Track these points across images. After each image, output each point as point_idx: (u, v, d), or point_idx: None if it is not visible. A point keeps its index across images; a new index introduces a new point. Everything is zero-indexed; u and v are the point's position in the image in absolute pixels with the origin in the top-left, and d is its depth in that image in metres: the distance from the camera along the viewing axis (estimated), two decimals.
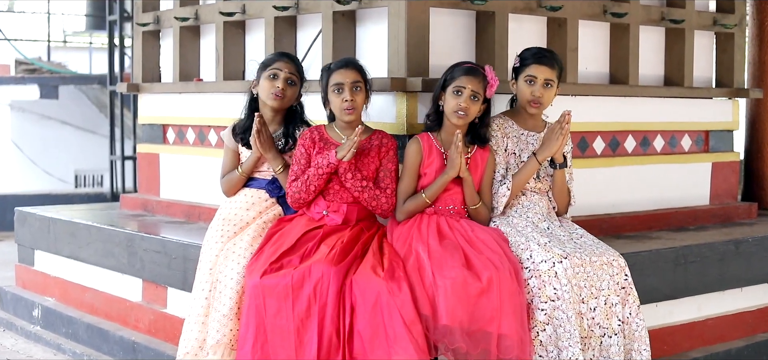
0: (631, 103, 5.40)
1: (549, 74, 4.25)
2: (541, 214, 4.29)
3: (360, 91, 4.15)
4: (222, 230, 4.29)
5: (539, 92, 4.25)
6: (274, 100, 4.36)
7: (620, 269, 4.04)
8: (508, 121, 4.36)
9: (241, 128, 4.46)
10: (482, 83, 4.13)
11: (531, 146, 4.33)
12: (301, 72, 4.46)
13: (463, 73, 4.12)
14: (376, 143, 4.20)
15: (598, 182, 5.26)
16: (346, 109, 4.13)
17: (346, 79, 4.13)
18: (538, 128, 4.39)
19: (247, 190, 4.44)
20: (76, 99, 13.46)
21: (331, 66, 4.23)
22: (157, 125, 6.13)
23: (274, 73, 4.37)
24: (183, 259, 4.83)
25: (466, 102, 4.09)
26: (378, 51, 4.71)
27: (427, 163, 4.17)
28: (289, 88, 4.38)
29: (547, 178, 4.36)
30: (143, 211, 6.08)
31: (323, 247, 4.01)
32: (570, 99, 5.10)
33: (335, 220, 4.17)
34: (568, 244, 4.10)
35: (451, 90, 4.12)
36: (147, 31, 6.16)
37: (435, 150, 4.18)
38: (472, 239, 4.03)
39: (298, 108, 4.48)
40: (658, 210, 5.51)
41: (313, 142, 4.22)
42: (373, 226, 4.24)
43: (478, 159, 4.23)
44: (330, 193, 4.19)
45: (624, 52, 5.39)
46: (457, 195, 4.18)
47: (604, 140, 5.34)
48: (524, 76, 4.27)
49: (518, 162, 4.32)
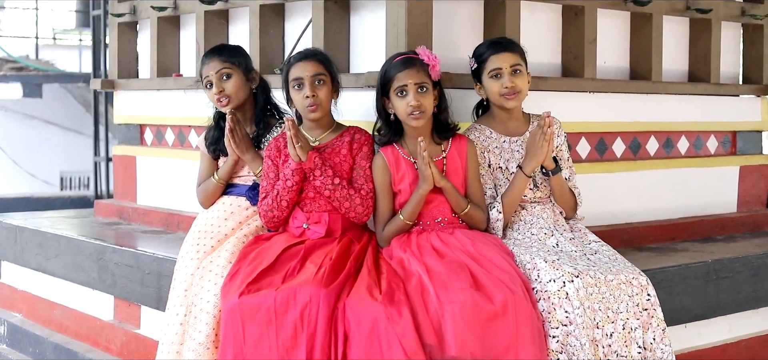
0: (654, 100, 4.95)
1: (512, 59, 3.77)
2: (547, 227, 3.79)
3: (324, 84, 3.70)
4: (198, 245, 3.79)
5: (510, 81, 3.75)
6: (222, 107, 3.93)
7: (641, 289, 3.55)
8: (486, 131, 3.86)
9: (210, 139, 4.00)
10: (423, 70, 3.65)
11: (517, 153, 3.83)
12: (234, 58, 3.96)
13: (399, 68, 3.64)
14: (347, 139, 3.74)
15: (618, 188, 4.78)
16: (309, 107, 3.67)
17: (306, 73, 3.68)
18: (520, 130, 3.88)
19: (225, 199, 3.96)
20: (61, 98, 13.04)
21: (289, 59, 3.78)
22: (134, 125, 5.66)
23: (207, 81, 3.95)
24: (157, 275, 4.34)
25: (415, 99, 3.60)
26: (375, 42, 4.25)
27: (398, 179, 3.70)
28: (226, 83, 3.92)
29: (546, 183, 3.86)
30: (119, 218, 5.59)
31: (309, 265, 3.51)
32: (587, 96, 4.64)
33: (318, 232, 3.69)
34: (581, 261, 3.60)
35: (394, 92, 3.64)
36: (123, 22, 5.69)
37: (403, 161, 3.71)
38: (476, 255, 3.53)
39: (260, 94, 4.00)
40: (683, 218, 5.05)
41: (278, 152, 3.77)
42: (363, 236, 3.74)
43: (456, 155, 3.73)
44: (306, 202, 3.72)
45: (646, 44, 4.94)
46: (443, 205, 3.70)
47: (625, 142, 4.86)
48: (487, 72, 3.79)
49: (507, 176, 3.82)
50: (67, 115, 13.00)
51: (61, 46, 15.62)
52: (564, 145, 3.92)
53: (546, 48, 4.61)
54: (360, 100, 4.02)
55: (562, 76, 4.68)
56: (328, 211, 3.70)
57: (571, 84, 4.57)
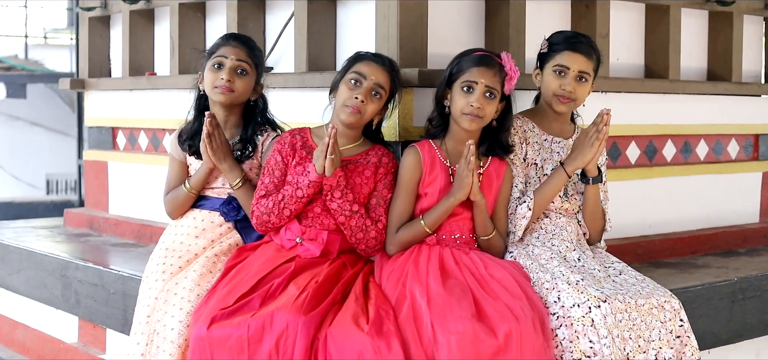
0: (671, 101, 4.55)
1: (584, 65, 3.37)
2: (570, 240, 3.38)
3: (379, 99, 3.29)
4: (163, 264, 3.37)
5: (571, 86, 3.36)
6: (220, 95, 3.44)
7: (674, 313, 3.16)
8: (529, 123, 3.46)
9: (188, 133, 3.54)
10: (499, 76, 3.23)
11: (556, 155, 3.44)
12: (257, 58, 3.53)
13: (473, 63, 3.22)
14: (374, 160, 3.31)
15: (633, 198, 4.36)
16: (352, 109, 3.24)
17: (371, 77, 3.25)
18: (565, 133, 3.49)
19: (196, 213, 3.52)
20: (46, 98, 12.64)
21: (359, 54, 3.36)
22: (106, 128, 5.25)
23: (219, 61, 3.45)
24: (122, 295, 3.93)
25: (479, 100, 3.19)
26: (364, 36, 3.83)
27: (428, 180, 3.26)
28: (238, 78, 3.45)
29: (577, 197, 3.44)
30: (89, 229, 5.18)
31: (292, 287, 3.09)
32: (599, 96, 4.21)
33: (311, 250, 3.25)
34: (606, 283, 3.19)
35: (460, 86, 3.22)
36: (94, 17, 5.28)
37: (438, 162, 3.28)
38: (485, 279, 3.11)
39: (260, 104, 3.54)
40: (702, 230, 4.65)
41: (293, 150, 3.31)
42: (359, 261, 3.32)
43: (493, 174, 3.32)
44: (308, 216, 3.28)
45: (662, 40, 4.54)
46: (466, 221, 3.27)
47: (640, 146, 4.46)
48: (553, 65, 3.38)
49: (540, 175, 3.42)
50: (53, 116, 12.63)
51: (52, 45, 15.30)
52: (605, 165, 3.54)
53: None
54: None
55: None
56: (330, 230, 3.27)
57: None
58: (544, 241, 3.37)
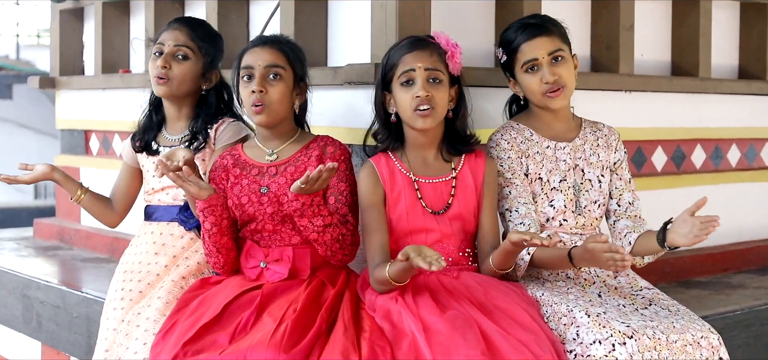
0: (700, 101, 4.13)
1: (551, 44, 2.90)
2: (588, 269, 2.92)
3: (279, 80, 2.81)
4: (122, 290, 2.94)
5: (551, 73, 2.88)
6: (156, 86, 3.07)
7: (713, 351, 2.69)
8: (525, 132, 2.99)
9: (141, 128, 3.12)
10: (438, 57, 2.77)
11: (563, 163, 2.97)
12: (204, 41, 3.10)
13: (404, 50, 2.77)
14: (315, 153, 2.84)
15: (659, 209, 3.81)
16: (253, 104, 2.79)
17: (258, 62, 2.81)
18: (569, 134, 3.02)
19: (153, 226, 3.09)
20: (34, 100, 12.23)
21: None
22: (78, 131, 4.79)
23: (158, 49, 3.08)
24: (86, 320, 3.50)
25: (423, 88, 2.73)
26: (357, 29, 3.41)
27: (392, 199, 2.79)
28: (177, 64, 3.04)
29: (591, 207, 2.98)
30: (59, 241, 4.74)
31: (267, 318, 2.64)
32: (622, 96, 3.78)
33: (279, 273, 2.80)
34: (633, 316, 2.73)
35: (398, 82, 2.77)
36: (65, 10, 4.83)
37: (399, 175, 2.81)
38: (489, 306, 2.65)
39: (213, 95, 3.10)
40: (735, 245, 4.23)
41: (225, 171, 2.88)
42: (338, 276, 2.84)
43: (468, 174, 2.85)
44: (264, 235, 2.83)
45: (691, 34, 4.11)
46: (449, 240, 2.81)
47: (666, 152, 4.03)
48: (520, 65, 2.93)
49: (548, 190, 2.95)
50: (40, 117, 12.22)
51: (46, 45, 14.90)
52: (625, 162, 3.07)
53: (572, 37, 3.71)
54: (338, 100, 3.23)
55: (591, 71, 3.84)
56: (294, 245, 2.81)
57: (602, 81, 3.72)
58: (557, 273, 2.91)
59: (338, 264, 2.83)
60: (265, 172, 2.83)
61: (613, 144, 3.04)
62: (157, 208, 3.09)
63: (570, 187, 2.96)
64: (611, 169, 3.03)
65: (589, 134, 3.02)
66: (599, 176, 3.00)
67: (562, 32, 2.95)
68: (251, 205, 2.80)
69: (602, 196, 3.01)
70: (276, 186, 2.79)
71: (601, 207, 3.01)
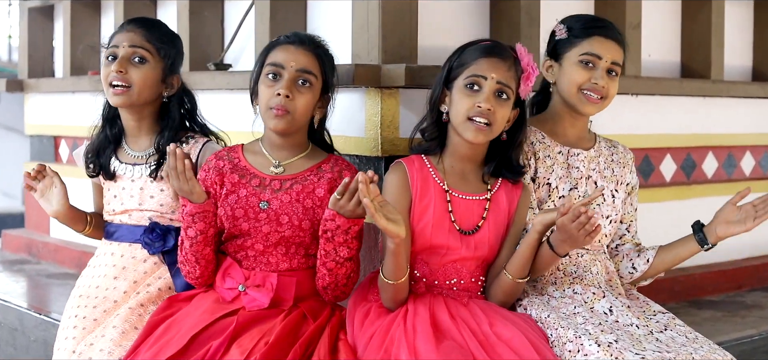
0: (712, 105, 3.86)
1: (617, 54, 2.66)
2: (597, 284, 2.66)
3: (309, 87, 2.49)
4: (76, 317, 2.64)
5: (603, 80, 2.62)
6: (113, 96, 2.71)
7: None
8: (537, 134, 2.71)
9: (91, 147, 2.82)
10: (513, 72, 2.48)
11: (575, 172, 2.69)
12: (161, 42, 2.76)
13: (481, 54, 2.47)
14: (328, 175, 2.54)
15: (667, 222, 3.60)
16: (274, 108, 2.46)
17: (291, 64, 2.48)
18: (584, 143, 2.75)
19: (114, 247, 2.79)
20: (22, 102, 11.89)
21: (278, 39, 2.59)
22: (47, 137, 4.50)
23: (111, 53, 2.73)
24: (44, 345, 3.24)
25: (488, 100, 2.43)
26: (337, 25, 3.13)
27: (418, 209, 2.49)
28: (134, 68, 2.70)
29: (603, 222, 2.69)
30: (27, 254, 4.48)
31: (235, 351, 2.35)
32: (628, 99, 3.53)
33: (259, 301, 2.49)
34: (646, 341, 2.45)
35: (463, 83, 2.46)
36: (34, 7, 4.55)
37: (433, 185, 2.51)
38: (489, 340, 2.36)
39: (175, 103, 2.77)
40: (749, 260, 3.98)
41: (219, 175, 2.55)
42: (323, 309, 2.54)
43: (504, 199, 2.56)
44: (248, 255, 2.52)
45: (702, 32, 3.87)
46: (465, 263, 2.51)
47: (676, 160, 3.76)
48: (578, 53, 2.65)
49: (556, 198, 2.66)
50: None
51: None
52: (637, 190, 2.84)
53: None
54: None
55: None
56: (280, 271, 2.51)
57: None
58: (563, 287, 2.63)
59: (331, 300, 2.53)
60: (268, 184, 2.51)
61: (628, 163, 2.80)
62: (120, 227, 2.77)
63: (581, 195, 2.67)
64: (625, 190, 2.76)
65: (605, 149, 2.77)
66: (613, 191, 2.73)
67: (625, 54, 2.71)
68: (246, 220, 2.48)
69: (615, 212, 2.73)
70: (278, 203, 2.48)
71: (613, 224, 2.73)
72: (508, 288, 2.49)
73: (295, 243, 2.48)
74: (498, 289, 2.51)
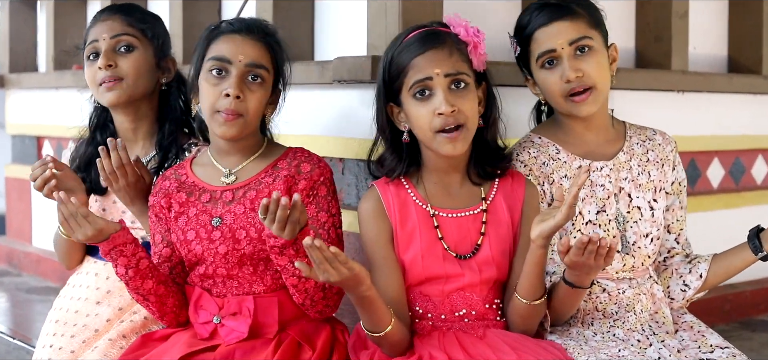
0: (763, 104, 3.53)
1: (572, 31, 2.20)
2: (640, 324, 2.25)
3: (260, 82, 2.13)
4: (51, 346, 2.31)
5: (572, 69, 2.19)
6: (105, 93, 2.39)
7: None
8: (549, 148, 2.30)
9: (81, 160, 2.49)
10: (458, 54, 2.09)
11: (600, 189, 2.28)
12: (146, 21, 2.46)
13: (415, 50, 2.08)
14: (284, 173, 2.16)
15: (715, 233, 3.22)
16: (225, 114, 2.10)
17: (236, 57, 2.11)
18: (608, 148, 2.33)
19: (98, 266, 2.45)
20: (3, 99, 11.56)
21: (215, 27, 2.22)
22: (30, 138, 4.15)
23: (93, 49, 2.42)
24: None
25: (446, 100, 2.05)
26: (351, 15, 2.81)
27: (403, 235, 2.12)
28: (122, 58, 2.39)
29: (643, 242, 2.29)
30: (8, 265, 4.15)
31: None
32: (674, 97, 3.16)
33: (237, 332, 2.13)
34: None
35: (410, 93, 2.08)
36: None
37: (413, 207, 2.14)
38: None
39: (174, 90, 2.46)
40: None
41: (167, 197, 2.19)
42: (319, 333, 2.16)
43: (502, 204, 2.17)
44: (216, 283, 2.15)
45: (752, 25, 3.53)
46: (473, 290, 2.13)
47: (724, 165, 3.42)
48: (536, 58, 2.24)
49: (579, 224, 2.26)
50: None
51: None
52: (685, 184, 2.40)
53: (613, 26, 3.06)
54: (326, 102, 2.68)
55: (635, 67, 3.23)
56: (256, 294, 2.14)
57: (650, 79, 3.11)
58: (602, 330, 2.23)
59: (317, 317, 2.15)
60: (219, 197, 2.15)
61: (669, 157, 2.36)
62: None
63: (611, 219, 2.27)
64: (667, 192, 2.35)
65: (637, 145, 2.33)
66: (651, 201, 2.31)
67: (593, 14, 2.25)
68: (199, 242, 2.12)
69: (656, 227, 2.31)
70: (231, 217, 2.12)
71: (656, 241, 2.31)
72: (523, 312, 2.10)
73: (261, 259, 2.10)
74: (514, 315, 2.12)
